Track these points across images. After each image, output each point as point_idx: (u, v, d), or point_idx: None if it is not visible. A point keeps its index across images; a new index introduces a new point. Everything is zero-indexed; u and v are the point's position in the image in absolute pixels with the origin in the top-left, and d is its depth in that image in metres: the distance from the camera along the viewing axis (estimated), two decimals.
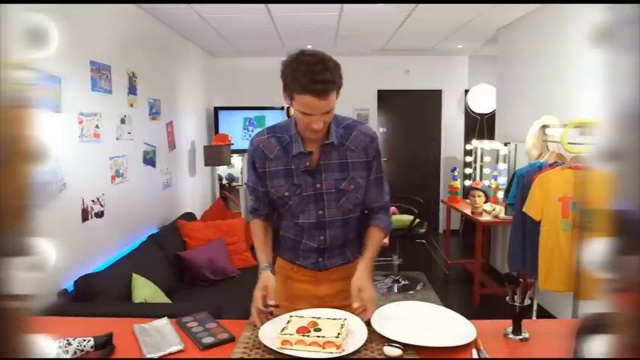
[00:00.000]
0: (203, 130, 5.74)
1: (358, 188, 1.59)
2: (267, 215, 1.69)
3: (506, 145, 4.42)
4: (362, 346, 1.30)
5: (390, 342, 1.30)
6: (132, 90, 3.49)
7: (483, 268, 4.49)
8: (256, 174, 1.61)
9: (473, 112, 6.12)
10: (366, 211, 1.68)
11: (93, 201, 2.87)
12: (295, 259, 1.67)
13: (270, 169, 1.58)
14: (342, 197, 1.58)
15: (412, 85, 6.35)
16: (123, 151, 3.32)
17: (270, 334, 1.33)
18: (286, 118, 5.97)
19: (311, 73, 1.35)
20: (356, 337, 1.33)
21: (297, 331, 1.29)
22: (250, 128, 6.10)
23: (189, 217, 4.21)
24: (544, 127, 3.28)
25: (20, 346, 0.46)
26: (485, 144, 5.04)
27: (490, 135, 5.54)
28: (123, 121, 3.32)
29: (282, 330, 1.30)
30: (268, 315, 1.47)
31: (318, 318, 1.38)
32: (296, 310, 1.63)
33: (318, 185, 1.56)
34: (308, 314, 1.43)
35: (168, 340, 1.36)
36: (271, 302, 1.47)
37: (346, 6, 3.77)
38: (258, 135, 1.62)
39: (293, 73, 1.37)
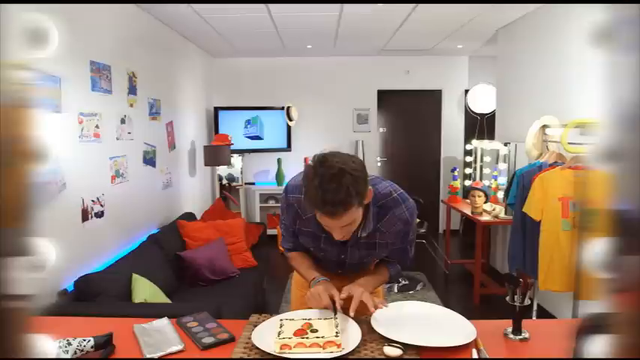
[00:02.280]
0: (203, 130, 5.74)
1: (380, 258, 1.65)
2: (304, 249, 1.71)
3: (506, 145, 4.42)
4: (361, 342, 1.30)
5: (390, 342, 1.30)
6: (132, 90, 3.49)
7: (483, 268, 4.49)
8: (290, 218, 1.59)
9: (473, 112, 6.12)
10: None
11: (93, 201, 2.87)
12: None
13: (300, 227, 1.58)
14: (364, 265, 1.66)
15: (412, 85, 6.35)
16: (123, 151, 3.32)
17: (266, 339, 1.31)
18: (287, 120, 5.97)
19: (323, 192, 1.25)
20: (350, 334, 1.33)
21: (295, 334, 1.29)
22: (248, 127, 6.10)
23: (189, 217, 4.21)
24: (544, 127, 3.28)
25: (20, 346, 0.46)
26: (485, 144, 5.04)
27: (490, 135, 5.53)
28: (123, 121, 3.32)
29: (279, 335, 1.29)
30: (328, 306, 1.43)
31: (309, 319, 1.38)
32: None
33: (343, 257, 1.59)
34: (298, 316, 1.43)
35: (168, 340, 1.36)
36: (337, 300, 1.44)
37: (346, 6, 3.77)
38: (295, 190, 1.52)
39: (308, 184, 1.29)
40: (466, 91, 6.23)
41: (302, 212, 1.53)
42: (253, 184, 6.36)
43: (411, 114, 6.54)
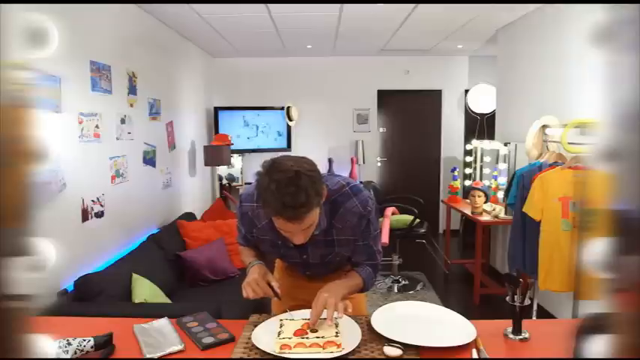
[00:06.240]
0: (203, 130, 5.74)
1: (344, 257, 1.60)
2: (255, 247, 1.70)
3: (506, 145, 4.42)
4: (361, 342, 1.30)
5: (390, 342, 1.30)
6: (132, 90, 3.49)
7: (483, 268, 4.49)
8: (246, 227, 1.59)
9: (473, 112, 6.12)
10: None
11: (93, 201, 2.87)
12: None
13: (257, 235, 1.56)
14: (328, 265, 1.61)
15: (412, 85, 6.35)
16: (123, 151, 3.32)
17: (266, 339, 1.32)
18: (287, 120, 5.97)
19: (282, 196, 1.21)
20: (351, 334, 1.33)
21: (295, 334, 1.29)
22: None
23: (189, 217, 4.21)
24: (544, 127, 3.28)
25: (20, 346, 0.46)
26: (485, 144, 5.04)
27: (490, 135, 5.53)
28: (123, 121, 3.32)
29: (279, 335, 1.29)
30: (268, 293, 1.44)
31: (309, 319, 1.38)
32: (294, 299, 1.64)
33: (305, 257, 1.56)
34: (298, 316, 1.43)
35: (168, 340, 1.36)
36: (274, 284, 1.46)
37: (346, 6, 3.77)
38: (248, 199, 1.52)
39: (264, 192, 1.25)
40: (466, 91, 6.23)
41: (257, 221, 1.52)
42: None
43: (411, 114, 6.54)
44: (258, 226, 1.52)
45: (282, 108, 6.01)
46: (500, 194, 4.33)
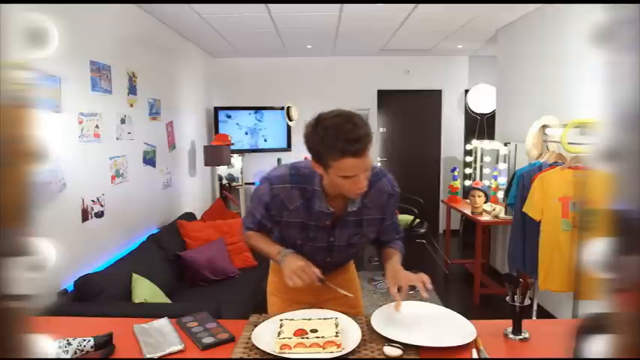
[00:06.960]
0: (203, 130, 5.74)
1: (368, 240, 1.64)
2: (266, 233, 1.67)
3: (506, 145, 4.42)
4: (361, 342, 1.30)
5: (390, 342, 1.30)
6: (132, 90, 3.49)
7: (483, 268, 4.49)
8: (268, 214, 1.54)
9: (473, 112, 6.12)
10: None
11: (93, 201, 2.87)
12: None
13: (287, 219, 1.52)
14: (352, 248, 1.62)
15: (412, 85, 6.35)
16: (123, 151, 3.32)
17: (266, 339, 1.32)
18: (287, 120, 5.97)
19: (344, 134, 1.26)
20: (350, 334, 1.33)
21: (295, 334, 1.29)
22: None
23: (189, 217, 4.21)
24: (544, 127, 3.28)
25: (20, 346, 0.46)
26: (485, 144, 5.04)
27: (490, 135, 5.53)
28: (123, 121, 3.32)
29: (279, 335, 1.29)
30: (314, 279, 1.45)
31: (309, 319, 1.38)
32: (291, 301, 1.64)
33: (332, 239, 1.56)
34: (298, 316, 1.43)
35: (168, 340, 1.36)
36: (316, 270, 1.46)
37: (346, 6, 3.77)
38: (280, 180, 1.49)
39: (322, 140, 1.29)
40: (466, 91, 6.23)
41: (289, 202, 1.49)
42: (253, 184, 6.36)
43: (411, 114, 6.54)
44: (291, 207, 1.49)
45: (282, 108, 6.01)
46: (500, 194, 4.33)
